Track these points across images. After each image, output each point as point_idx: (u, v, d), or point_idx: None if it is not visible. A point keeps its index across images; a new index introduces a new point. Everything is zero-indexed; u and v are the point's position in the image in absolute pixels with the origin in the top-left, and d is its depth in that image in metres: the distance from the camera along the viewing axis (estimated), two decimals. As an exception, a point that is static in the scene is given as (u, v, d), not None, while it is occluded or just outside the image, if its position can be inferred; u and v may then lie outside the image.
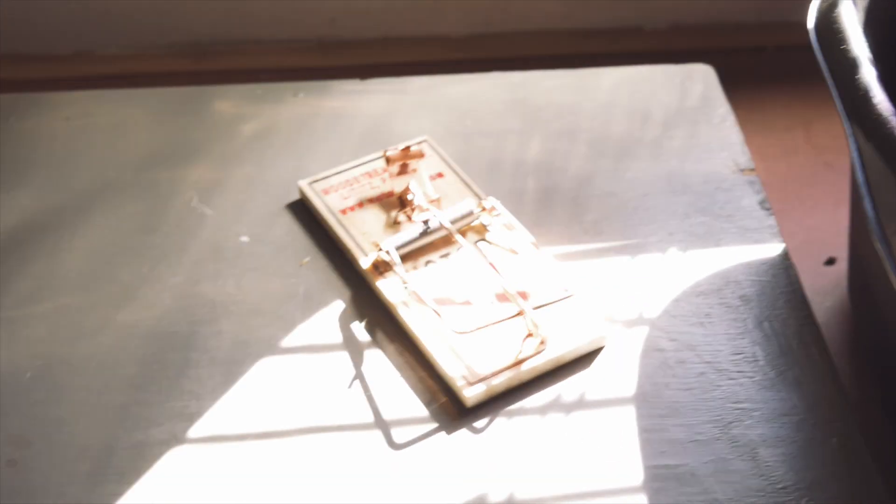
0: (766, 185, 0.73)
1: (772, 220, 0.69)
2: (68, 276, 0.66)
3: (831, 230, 0.79)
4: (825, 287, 0.76)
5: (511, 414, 0.60)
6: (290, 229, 0.69)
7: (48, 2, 0.92)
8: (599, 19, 0.94)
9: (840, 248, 0.79)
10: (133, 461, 0.58)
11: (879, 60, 0.58)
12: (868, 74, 0.57)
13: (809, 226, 0.80)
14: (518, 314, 0.61)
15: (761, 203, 0.71)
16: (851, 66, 0.57)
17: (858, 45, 0.58)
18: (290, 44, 0.95)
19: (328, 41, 0.94)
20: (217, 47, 0.94)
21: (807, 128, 0.89)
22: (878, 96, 0.55)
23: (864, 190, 0.55)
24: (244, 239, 0.68)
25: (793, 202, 0.82)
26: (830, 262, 0.79)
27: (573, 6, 0.95)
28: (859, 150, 0.56)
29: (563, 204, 0.71)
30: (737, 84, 0.80)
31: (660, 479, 0.57)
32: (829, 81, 0.58)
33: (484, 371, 0.60)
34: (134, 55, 0.94)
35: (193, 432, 0.59)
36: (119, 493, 0.57)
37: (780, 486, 0.57)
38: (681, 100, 0.78)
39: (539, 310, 0.62)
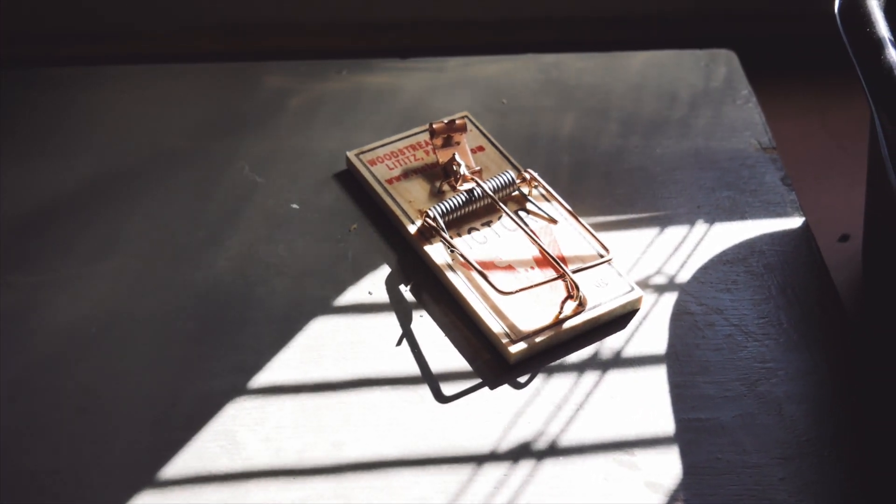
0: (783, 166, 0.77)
1: (793, 196, 0.73)
2: (127, 238, 0.69)
3: (845, 209, 0.83)
4: (840, 262, 0.80)
5: (551, 370, 0.64)
6: (338, 197, 0.72)
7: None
8: (622, 8, 0.97)
9: (853, 225, 0.82)
10: (196, 410, 0.61)
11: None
12: (891, 55, 0.60)
13: (824, 204, 0.84)
14: (559, 277, 0.65)
15: (783, 179, 0.75)
16: (876, 46, 0.61)
17: (882, 28, 0.62)
18: (325, 27, 0.98)
19: (363, 24, 0.97)
20: (253, 29, 0.97)
21: (822, 114, 0.92)
22: (902, 75, 0.59)
23: (888, 164, 0.59)
24: (294, 206, 0.72)
25: (809, 182, 0.85)
26: (844, 238, 0.83)
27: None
28: (883, 126, 0.60)
29: (595, 177, 0.74)
30: (752, 72, 0.83)
31: (692, 431, 0.61)
32: (855, 61, 0.62)
33: (526, 329, 0.64)
34: (171, 35, 0.97)
35: (253, 384, 0.62)
36: (184, 440, 0.60)
37: (804, 438, 0.61)
38: (706, 82, 0.82)
39: (578, 273, 0.66)
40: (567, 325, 0.64)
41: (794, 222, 0.72)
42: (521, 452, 0.60)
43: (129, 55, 0.92)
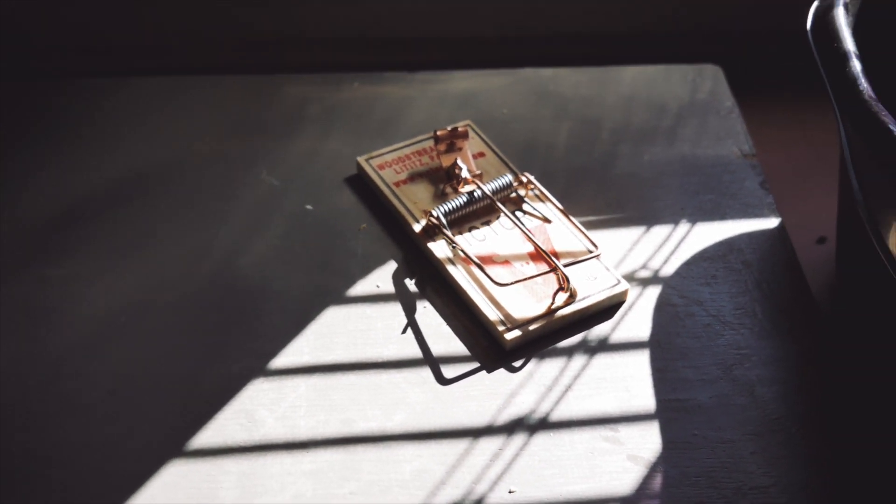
0: (764, 174, 0.82)
1: (770, 199, 0.79)
2: (154, 235, 0.74)
3: (823, 214, 0.87)
4: (816, 262, 0.85)
5: (543, 356, 0.69)
6: (349, 199, 0.77)
7: None
8: (616, 26, 1.02)
9: (831, 229, 0.87)
10: (218, 391, 0.65)
11: (865, 57, 0.67)
12: (855, 67, 0.66)
13: (803, 210, 0.88)
14: (551, 270, 0.71)
15: (761, 184, 0.80)
16: (842, 59, 0.66)
17: (848, 43, 0.68)
18: (340, 43, 1.02)
19: (375, 40, 1.01)
20: (271, 44, 1.01)
21: (802, 126, 0.97)
22: (863, 85, 0.64)
23: (849, 165, 0.64)
24: (309, 207, 0.77)
25: (789, 189, 0.90)
26: (821, 240, 0.87)
27: (591, 15, 1.03)
28: (846, 130, 0.65)
29: (588, 182, 0.79)
30: (739, 87, 0.88)
31: (671, 411, 0.66)
32: (823, 72, 0.67)
33: (521, 318, 0.69)
34: (195, 49, 1.01)
35: (269, 367, 0.67)
36: (206, 417, 0.64)
37: (774, 416, 0.66)
38: (692, 94, 0.87)
39: (569, 267, 0.71)
40: (558, 314, 0.69)
41: (771, 223, 0.77)
42: (515, 429, 0.65)
43: (156, 68, 0.96)
